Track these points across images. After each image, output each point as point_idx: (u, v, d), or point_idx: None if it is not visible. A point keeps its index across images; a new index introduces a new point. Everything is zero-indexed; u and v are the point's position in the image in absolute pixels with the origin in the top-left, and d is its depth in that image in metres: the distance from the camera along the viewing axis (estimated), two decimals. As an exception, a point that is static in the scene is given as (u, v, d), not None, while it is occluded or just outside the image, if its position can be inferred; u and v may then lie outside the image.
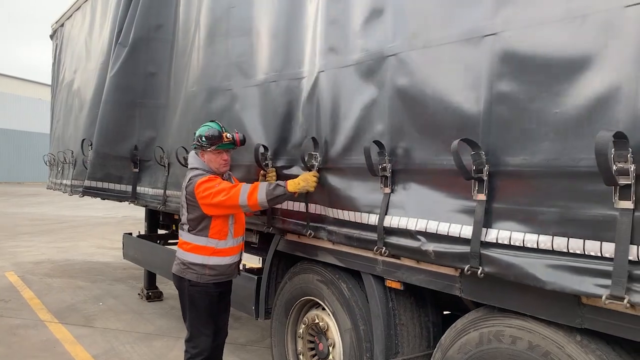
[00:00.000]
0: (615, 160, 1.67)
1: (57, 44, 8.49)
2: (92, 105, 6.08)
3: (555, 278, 1.91)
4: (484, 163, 2.14)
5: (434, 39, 2.42)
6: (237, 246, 3.54)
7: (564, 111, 1.89)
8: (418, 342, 2.93)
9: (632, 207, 1.69)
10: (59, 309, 6.23)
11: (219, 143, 3.36)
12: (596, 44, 1.79)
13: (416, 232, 2.51)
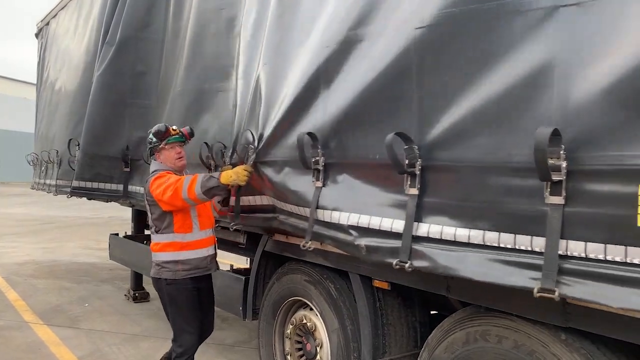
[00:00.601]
0: (549, 156, 1.69)
1: (42, 43, 8.42)
2: (77, 104, 6.03)
3: (486, 271, 1.95)
4: (417, 157, 2.17)
5: (368, 34, 2.45)
6: (208, 238, 3.56)
7: (496, 107, 1.92)
8: (405, 341, 2.95)
9: (562, 203, 1.73)
10: (44, 310, 6.17)
11: (167, 137, 3.44)
12: (525, 43, 1.84)
13: (348, 227, 2.52)
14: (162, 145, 3.46)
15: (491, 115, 1.94)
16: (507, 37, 1.89)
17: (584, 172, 1.69)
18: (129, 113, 5.22)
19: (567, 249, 1.73)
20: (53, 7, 7.79)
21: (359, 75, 2.48)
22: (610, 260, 1.64)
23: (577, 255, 1.72)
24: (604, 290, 1.64)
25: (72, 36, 6.73)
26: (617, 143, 1.61)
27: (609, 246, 1.64)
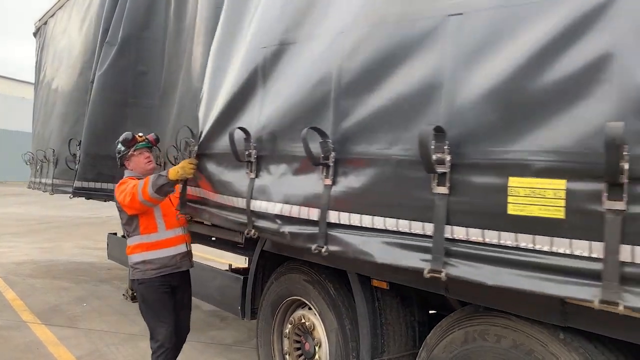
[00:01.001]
0: (435, 151, 1.90)
1: (40, 42, 8.40)
2: (74, 103, 6.03)
3: (387, 254, 2.19)
4: (331, 150, 2.39)
5: (298, 37, 2.70)
6: (176, 237, 3.69)
7: (394, 107, 2.16)
8: (404, 341, 2.95)
9: (447, 193, 1.95)
10: (43, 310, 6.17)
11: (135, 144, 3.68)
12: (420, 50, 2.08)
13: (275, 216, 2.73)
14: (131, 152, 3.67)
15: (390, 114, 2.19)
16: (405, 45, 2.14)
17: (465, 165, 1.91)
18: (131, 113, 5.21)
19: (452, 233, 1.95)
20: (51, 6, 7.78)
21: (290, 75, 2.72)
22: (488, 243, 1.86)
23: (460, 239, 1.94)
24: (482, 270, 1.88)
25: (70, 35, 6.72)
26: (493, 140, 1.84)
27: (486, 231, 1.86)
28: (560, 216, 1.68)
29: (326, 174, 2.43)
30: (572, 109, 1.64)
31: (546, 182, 1.71)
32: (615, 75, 1.56)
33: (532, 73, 1.74)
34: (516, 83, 1.78)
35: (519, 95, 1.78)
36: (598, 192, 1.58)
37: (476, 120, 1.88)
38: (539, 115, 1.72)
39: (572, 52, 1.65)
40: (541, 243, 1.73)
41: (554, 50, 1.69)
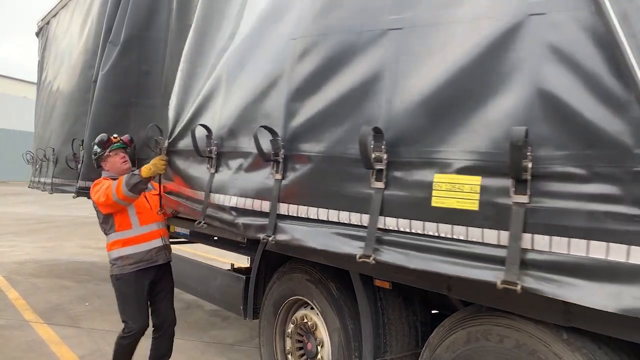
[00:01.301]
0: (374, 150, 2.13)
1: (43, 42, 8.41)
2: (74, 103, 6.04)
3: (328, 242, 2.43)
4: (280, 148, 2.63)
5: (256, 41, 2.95)
6: (151, 232, 3.86)
7: (338, 108, 2.41)
8: (406, 341, 2.95)
9: (383, 187, 2.20)
10: (45, 309, 6.18)
11: (110, 145, 3.86)
12: (363, 58, 2.32)
13: (230, 208, 2.99)
14: (107, 153, 3.85)
15: (335, 116, 2.43)
16: (351, 54, 2.38)
17: (399, 163, 2.16)
18: (134, 113, 5.20)
19: (385, 224, 2.19)
20: (54, 6, 7.78)
21: (248, 77, 2.96)
22: (414, 232, 2.10)
23: (392, 229, 2.18)
24: (408, 256, 2.12)
25: (71, 35, 6.73)
26: (422, 141, 2.08)
27: (413, 221, 2.10)
28: (474, 208, 1.91)
29: (276, 169, 2.68)
30: (487, 115, 1.88)
31: (464, 179, 1.94)
32: (522, 86, 1.79)
33: (455, 83, 1.99)
34: (442, 92, 2.03)
35: (444, 103, 2.02)
36: (506, 188, 1.80)
37: (409, 123, 2.14)
38: (459, 120, 1.96)
39: (488, 66, 1.89)
40: (458, 232, 1.96)
41: (473, 64, 1.94)
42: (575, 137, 1.68)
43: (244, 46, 3.04)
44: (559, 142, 1.71)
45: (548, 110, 1.74)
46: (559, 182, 1.72)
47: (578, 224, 1.67)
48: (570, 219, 1.69)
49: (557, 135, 1.72)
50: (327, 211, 2.45)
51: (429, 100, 2.07)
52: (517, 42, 1.83)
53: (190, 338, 5.29)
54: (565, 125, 1.70)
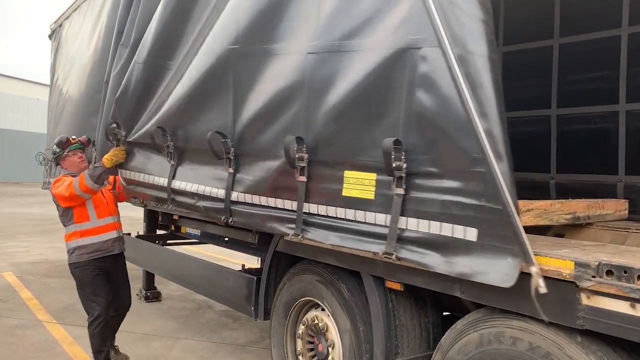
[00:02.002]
0: (297, 152, 2.71)
1: (55, 45, 8.46)
2: (83, 104, 6.07)
3: (268, 223, 3.06)
4: (230, 148, 3.22)
5: (201, 50, 3.48)
6: (107, 225, 4.24)
7: (269, 116, 3.00)
8: (418, 343, 2.93)
9: (305, 181, 2.77)
10: (57, 309, 6.22)
11: (69, 145, 4.22)
12: (287, 74, 2.88)
13: (192, 193, 3.60)
14: (65, 153, 4.21)
15: (269, 124, 2.99)
16: (280, 73, 2.92)
17: (317, 162, 2.74)
18: None
19: (309, 209, 2.79)
20: (66, 9, 7.83)
21: (197, 82, 3.45)
22: (329, 215, 2.70)
23: (313, 212, 2.77)
24: (322, 234, 2.73)
25: (82, 37, 6.75)
26: (334, 145, 2.66)
27: (328, 207, 2.70)
28: (371, 197, 2.49)
29: (229, 164, 3.27)
30: (377, 126, 2.42)
31: (364, 175, 2.52)
32: (400, 104, 2.31)
33: (354, 101, 2.51)
34: (345, 107, 2.56)
35: (347, 116, 2.57)
36: (390, 182, 2.34)
37: (324, 131, 2.69)
38: (359, 129, 2.51)
39: (376, 87, 2.42)
40: (359, 216, 2.54)
41: (367, 85, 2.46)
42: (434, 145, 2.22)
43: (201, 57, 3.48)
44: (424, 149, 2.24)
45: (417, 124, 2.26)
46: (424, 178, 2.26)
47: (435, 210, 2.22)
48: (430, 206, 2.24)
49: (422, 143, 2.25)
50: (266, 198, 3.06)
51: (337, 113, 2.61)
52: (398, 70, 2.32)
53: (201, 338, 5.30)
54: (428, 135, 2.23)
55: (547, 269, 1.97)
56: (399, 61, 2.30)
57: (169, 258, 5.53)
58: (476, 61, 2.03)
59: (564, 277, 1.92)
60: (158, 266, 5.89)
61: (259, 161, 3.09)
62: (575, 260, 1.91)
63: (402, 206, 2.32)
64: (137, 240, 6.36)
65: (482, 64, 2.02)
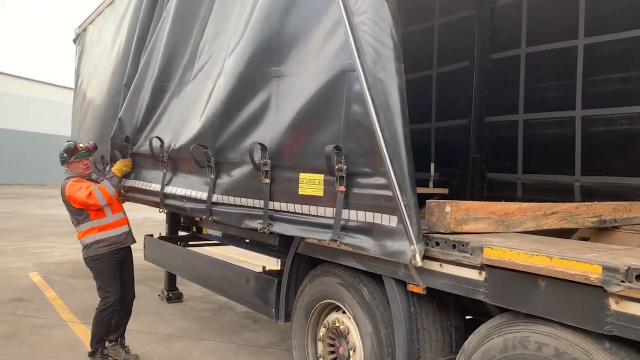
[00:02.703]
0: (261, 158, 3.25)
1: (79, 49, 8.60)
2: (105, 106, 6.15)
3: (242, 220, 3.59)
4: (211, 157, 3.80)
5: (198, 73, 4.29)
6: (120, 220, 4.68)
7: (242, 131, 3.57)
8: (440, 347, 2.90)
9: (269, 182, 3.30)
10: (81, 309, 6.30)
11: (76, 153, 4.51)
12: (260, 98, 3.43)
13: (180, 197, 4.28)
14: (71, 160, 4.50)
15: (240, 136, 3.55)
16: (255, 94, 3.45)
17: (278, 166, 3.25)
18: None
19: (273, 206, 3.30)
20: (90, 13, 7.96)
21: (179, 103, 4.35)
22: (288, 210, 3.20)
23: (277, 209, 3.29)
24: (284, 227, 3.26)
25: (105, 41, 6.85)
26: (291, 152, 3.17)
27: (288, 204, 3.19)
28: (320, 194, 2.97)
29: (210, 171, 3.84)
30: (323, 135, 2.91)
31: (315, 176, 3.00)
32: (340, 116, 2.81)
33: (307, 115, 3.04)
34: (300, 120, 3.08)
35: (301, 127, 3.09)
36: (334, 181, 2.82)
37: (284, 140, 3.19)
38: (311, 138, 3.00)
39: (323, 103, 2.94)
40: (312, 210, 3.03)
41: (316, 102, 2.98)
42: (365, 149, 2.68)
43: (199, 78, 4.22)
44: (359, 152, 2.71)
45: (353, 132, 2.74)
46: (360, 177, 2.74)
47: (369, 202, 2.69)
48: (365, 200, 2.71)
49: (358, 148, 2.72)
50: (240, 199, 3.61)
51: (294, 125, 3.12)
52: (338, 89, 2.82)
53: (222, 340, 5.33)
54: (361, 142, 2.70)
55: (574, 274, 1.94)
56: (340, 80, 2.82)
57: (191, 259, 5.56)
58: (384, 82, 2.60)
59: (592, 281, 1.88)
60: (180, 267, 5.93)
61: (233, 168, 3.66)
62: (603, 265, 1.87)
63: (345, 201, 2.81)
64: (160, 242, 6.42)
65: (389, 84, 2.59)
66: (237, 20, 3.79)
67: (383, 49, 2.64)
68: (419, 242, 2.49)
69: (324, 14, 2.97)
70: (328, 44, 2.93)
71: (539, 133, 4.86)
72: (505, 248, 2.22)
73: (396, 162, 2.53)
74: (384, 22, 2.65)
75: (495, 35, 5.27)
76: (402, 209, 2.50)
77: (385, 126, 2.57)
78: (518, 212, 2.86)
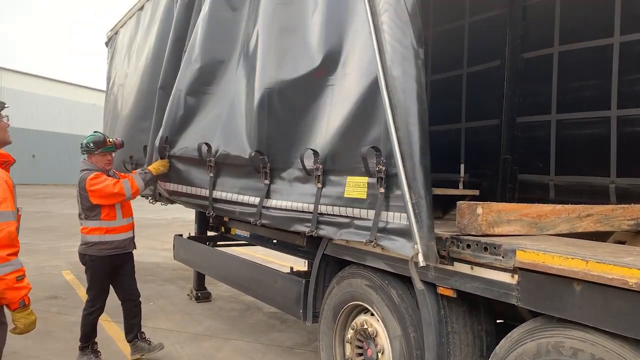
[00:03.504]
0: (314, 163, 3.30)
1: (111, 51, 8.75)
2: (136, 108, 6.24)
3: (291, 223, 3.59)
4: (267, 163, 3.80)
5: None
6: (127, 225, 4.60)
7: (294, 134, 3.62)
8: (471, 351, 2.85)
9: (320, 186, 3.33)
10: (112, 307, 6.35)
11: (104, 147, 4.45)
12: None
13: (230, 201, 4.25)
14: (97, 152, 4.44)
15: (295, 142, 3.59)
16: (308, 100, 3.50)
17: (328, 170, 3.29)
18: None
19: (320, 210, 3.31)
20: (122, 16, 8.09)
21: (236, 103, 4.27)
22: (335, 214, 3.20)
23: (324, 212, 3.28)
24: (331, 231, 3.23)
25: (137, 43, 6.95)
26: (338, 156, 3.21)
27: (334, 207, 3.21)
28: (364, 197, 2.99)
29: (264, 176, 3.85)
30: (365, 139, 2.95)
31: (359, 179, 3.03)
32: (379, 118, 2.84)
33: (351, 120, 3.09)
34: (347, 126, 3.11)
35: (348, 133, 3.11)
36: (375, 183, 2.85)
37: (333, 146, 3.22)
38: (355, 142, 3.02)
39: (364, 105, 2.99)
40: (357, 213, 3.03)
41: (359, 105, 3.03)
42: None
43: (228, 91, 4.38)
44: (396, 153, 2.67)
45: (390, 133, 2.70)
46: (396, 177, 2.68)
47: (401, 204, 2.66)
48: (399, 201, 2.70)
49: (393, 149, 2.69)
50: (290, 203, 3.61)
51: (342, 132, 3.15)
52: (378, 90, 2.80)
53: (250, 340, 5.35)
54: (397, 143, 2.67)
55: (612, 278, 1.88)
56: (377, 83, 2.82)
57: (219, 259, 5.61)
58: (401, 81, 2.66)
59: (630, 286, 1.83)
60: (208, 267, 5.98)
61: (285, 173, 3.69)
62: (642, 269, 1.81)
63: (383, 203, 2.82)
64: (189, 242, 6.49)
65: (406, 83, 2.66)
66: None
67: (400, 47, 2.69)
68: (426, 242, 2.51)
69: (359, 17, 3.06)
70: (366, 47, 2.95)
71: (573, 133, 4.74)
72: (538, 251, 2.17)
73: (408, 161, 2.59)
74: (401, 20, 2.70)
75: (527, 34, 5.16)
76: (409, 207, 2.55)
77: (400, 125, 2.63)
78: (551, 214, 2.80)
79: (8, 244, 2.66)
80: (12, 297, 2.68)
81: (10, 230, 2.68)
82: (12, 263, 2.66)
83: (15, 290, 2.68)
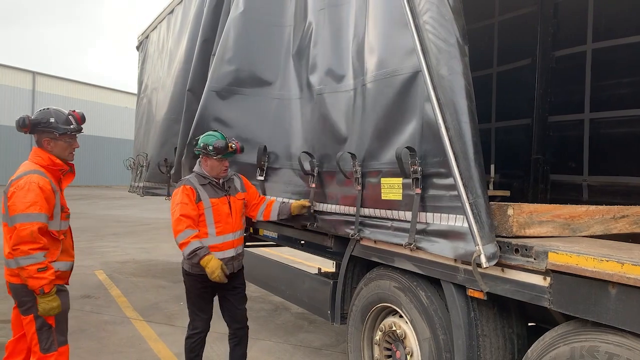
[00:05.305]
0: (353, 166, 3.30)
1: (142, 55, 8.91)
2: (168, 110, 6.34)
3: (338, 226, 3.58)
4: (315, 166, 3.79)
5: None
6: (225, 243, 3.77)
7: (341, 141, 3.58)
8: (502, 354, 2.80)
9: (360, 189, 3.32)
10: (143, 307, 6.52)
11: (224, 152, 3.72)
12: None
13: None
14: (215, 157, 3.72)
15: (337, 145, 3.58)
16: (346, 102, 3.54)
17: (366, 172, 3.27)
18: None
19: (363, 212, 3.32)
20: (153, 20, 8.22)
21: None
22: (376, 216, 3.20)
23: (366, 215, 3.30)
24: (374, 233, 3.23)
25: (169, 47, 7.06)
26: (375, 158, 3.19)
27: (375, 210, 3.21)
28: (399, 198, 2.98)
29: (311, 180, 3.82)
30: (400, 139, 2.93)
31: (394, 180, 3.02)
32: (415, 118, 2.82)
33: (385, 120, 3.09)
34: (383, 126, 3.10)
35: (383, 134, 3.10)
36: (411, 184, 2.83)
37: (369, 146, 3.23)
38: (390, 143, 3.02)
39: (398, 105, 2.97)
40: (394, 214, 3.04)
41: (392, 104, 3.02)
42: (439, 149, 2.62)
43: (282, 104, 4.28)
44: (433, 153, 2.68)
45: (427, 133, 2.71)
46: (436, 178, 2.69)
47: (444, 204, 2.65)
48: (441, 202, 2.67)
49: (432, 149, 2.69)
50: (339, 206, 3.61)
51: (377, 130, 3.14)
52: (413, 90, 2.84)
53: (278, 340, 5.37)
54: (434, 142, 2.65)
55: (649, 281, 1.82)
56: (414, 81, 2.83)
57: (248, 260, 5.63)
58: (449, 80, 2.62)
59: (669, 290, 1.77)
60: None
61: (330, 176, 3.69)
62: (681, 272, 1.75)
63: (421, 203, 2.78)
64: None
65: (454, 81, 2.61)
66: None
67: (445, 46, 2.66)
68: (487, 243, 2.42)
69: (394, 17, 3.02)
70: (400, 46, 2.96)
71: (607, 132, 4.64)
72: (571, 253, 2.13)
73: (462, 161, 2.51)
74: (445, 19, 2.67)
75: (558, 32, 5.07)
76: (467, 208, 2.47)
77: (451, 124, 2.56)
78: (585, 215, 2.74)
79: (30, 240, 3.02)
80: (33, 284, 3.04)
81: (33, 230, 3.03)
82: (33, 256, 3.02)
83: (36, 279, 3.03)
